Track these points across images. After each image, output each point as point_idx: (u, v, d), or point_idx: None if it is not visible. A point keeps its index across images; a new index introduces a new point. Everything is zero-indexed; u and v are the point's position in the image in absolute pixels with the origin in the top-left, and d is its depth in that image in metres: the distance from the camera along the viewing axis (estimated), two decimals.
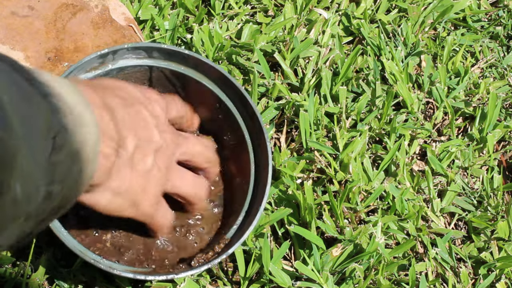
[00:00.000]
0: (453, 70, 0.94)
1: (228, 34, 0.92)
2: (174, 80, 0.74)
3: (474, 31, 0.99)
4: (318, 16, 0.94)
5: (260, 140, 0.72)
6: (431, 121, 0.90)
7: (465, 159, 0.87)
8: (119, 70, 0.71)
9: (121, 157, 0.55)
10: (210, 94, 0.73)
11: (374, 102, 0.88)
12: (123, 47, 0.69)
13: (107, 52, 0.68)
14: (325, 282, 0.74)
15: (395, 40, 0.95)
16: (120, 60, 0.70)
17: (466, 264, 0.81)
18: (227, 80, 0.72)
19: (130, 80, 0.72)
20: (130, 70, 0.71)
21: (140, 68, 0.72)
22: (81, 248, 0.64)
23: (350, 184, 0.80)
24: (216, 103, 0.74)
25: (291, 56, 0.90)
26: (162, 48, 0.71)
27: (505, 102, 0.94)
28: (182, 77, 0.73)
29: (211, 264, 0.66)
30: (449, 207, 0.84)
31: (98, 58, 0.69)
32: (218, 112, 0.75)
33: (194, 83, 0.73)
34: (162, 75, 0.73)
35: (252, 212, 0.70)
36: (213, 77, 0.73)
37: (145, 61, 0.71)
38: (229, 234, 0.70)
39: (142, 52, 0.71)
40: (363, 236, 0.77)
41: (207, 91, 0.73)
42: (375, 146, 0.86)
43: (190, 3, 0.92)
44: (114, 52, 0.69)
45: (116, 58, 0.70)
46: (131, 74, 0.72)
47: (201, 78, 0.73)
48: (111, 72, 0.70)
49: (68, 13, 0.85)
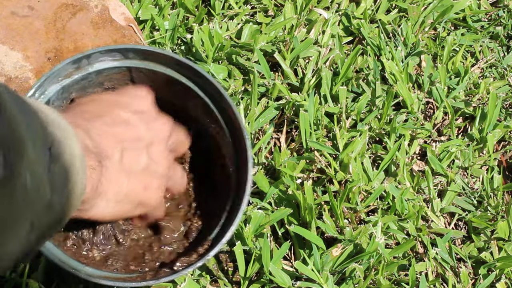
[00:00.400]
0: (453, 70, 0.94)
1: (228, 34, 0.92)
2: (153, 79, 0.72)
3: (474, 31, 0.99)
4: (318, 16, 0.94)
5: (239, 138, 0.69)
6: (431, 121, 0.90)
7: (465, 159, 0.87)
8: (97, 72, 0.70)
9: (108, 167, 0.55)
10: (191, 92, 0.72)
11: (374, 102, 0.88)
12: (96, 50, 0.68)
13: (81, 57, 0.68)
14: (325, 282, 0.74)
15: (395, 40, 0.95)
16: (96, 63, 0.69)
17: (466, 264, 0.81)
18: (200, 74, 0.70)
19: (111, 82, 0.71)
20: (109, 72, 0.71)
21: (118, 69, 0.71)
22: (63, 258, 0.63)
23: (350, 184, 0.80)
24: (195, 98, 0.72)
25: (291, 56, 0.90)
26: (137, 49, 0.69)
27: (505, 102, 0.94)
28: (161, 75, 0.71)
29: (194, 266, 0.63)
30: (449, 207, 0.84)
31: (72, 64, 0.68)
32: (198, 107, 0.73)
33: (173, 80, 0.72)
34: (142, 75, 0.72)
35: (233, 214, 0.68)
36: (188, 74, 0.72)
37: (122, 62, 0.70)
38: (211, 235, 0.68)
39: (117, 54, 0.70)
40: (363, 236, 0.77)
41: (186, 88, 0.72)
42: (375, 146, 0.86)
43: (190, 3, 0.92)
44: (88, 56, 0.68)
45: (91, 62, 0.69)
46: (110, 76, 0.71)
47: (174, 75, 0.71)
48: (90, 75, 0.69)
49: (68, 13, 0.85)
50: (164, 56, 0.70)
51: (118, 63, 0.70)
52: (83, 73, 0.68)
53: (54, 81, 0.67)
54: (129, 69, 0.70)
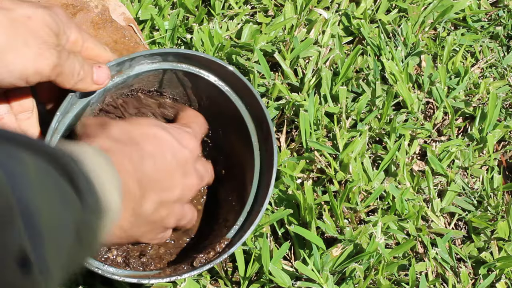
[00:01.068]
0: (453, 70, 0.94)
1: (228, 34, 0.92)
2: (185, 81, 0.73)
3: (474, 31, 0.99)
4: (318, 16, 0.94)
5: (267, 144, 0.71)
6: (431, 121, 0.90)
7: (465, 159, 0.87)
8: (135, 76, 0.71)
9: (138, 217, 0.58)
10: (221, 95, 0.73)
11: (374, 102, 0.88)
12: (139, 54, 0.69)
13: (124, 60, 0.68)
14: (325, 282, 0.74)
15: (395, 40, 0.95)
16: (137, 66, 0.70)
17: (466, 264, 0.81)
18: (239, 80, 0.71)
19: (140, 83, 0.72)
20: (144, 74, 0.71)
21: (154, 72, 0.71)
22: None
23: (350, 184, 0.80)
24: (226, 102, 0.73)
25: (291, 56, 0.90)
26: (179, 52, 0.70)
27: (505, 102, 0.94)
28: (194, 77, 0.72)
29: (213, 263, 0.66)
30: (449, 207, 0.84)
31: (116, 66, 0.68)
32: (224, 110, 0.74)
33: (205, 83, 0.72)
34: (174, 76, 0.72)
35: (254, 212, 0.70)
36: (225, 77, 0.72)
37: (160, 64, 0.71)
38: (229, 234, 0.70)
39: (157, 57, 0.70)
40: (363, 236, 0.77)
41: (216, 89, 0.73)
42: (375, 146, 0.86)
43: (190, 3, 0.92)
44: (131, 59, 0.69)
45: (133, 65, 0.70)
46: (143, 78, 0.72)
47: (209, 77, 0.72)
48: (128, 79, 0.70)
49: (68, 13, 0.85)
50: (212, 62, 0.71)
51: (155, 66, 0.70)
52: (124, 76, 0.69)
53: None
54: (164, 70, 0.71)
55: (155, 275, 0.67)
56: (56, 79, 0.59)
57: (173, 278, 0.65)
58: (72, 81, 0.61)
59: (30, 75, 0.56)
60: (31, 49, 0.56)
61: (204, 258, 0.67)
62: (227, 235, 0.69)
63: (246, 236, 0.67)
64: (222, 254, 0.66)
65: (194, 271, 0.65)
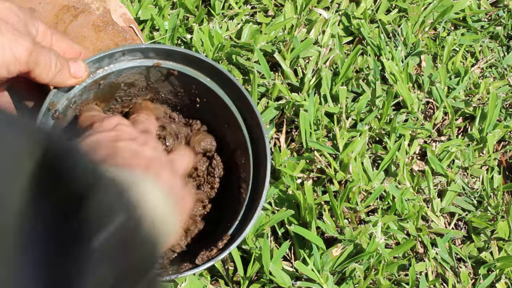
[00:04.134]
0: (453, 70, 0.94)
1: (228, 34, 0.92)
2: (172, 79, 0.74)
3: (474, 31, 0.99)
4: (318, 16, 0.94)
5: (258, 139, 0.71)
6: (431, 121, 0.90)
7: (465, 159, 0.87)
8: (117, 73, 0.71)
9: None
10: (211, 93, 0.73)
11: (374, 102, 0.88)
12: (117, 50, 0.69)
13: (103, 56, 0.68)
14: (325, 282, 0.74)
15: (395, 40, 0.95)
16: (117, 63, 0.70)
17: (466, 264, 0.81)
18: (224, 76, 0.72)
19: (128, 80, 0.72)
20: (128, 72, 0.72)
21: (137, 69, 0.72)
22: None
23: (350, 184, 0.80)
24: (216, 101, 0.74)
25: (291, 56, 0.90)
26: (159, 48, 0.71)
27: (505, 102, 0.94)
28: (182, 75, 0.73)
29: (215, 260, 0.66)
30: (449, 207, 0.84)
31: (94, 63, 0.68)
32: (215, 107, 0.74)
33: (196, 82, 0.73)
34: (160, 74, 0.73)
35: (252, 209, 0.70)
36: (211, 73, 0.73)
37: (140, 61, 0.72)
38: (230, 230, 0.70)
39: (138, 53, 0.71)
40: (363, 236, 0.78)
41: (206, 88, 0.73)
42: (375, 146, 0.86)
43: (190, 3, 0.92)
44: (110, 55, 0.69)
45: (113, 62, 0.70)
46: (128, 76, 0.72)
47: (199, 76, 0.73)
48: (109, 76, 0.70)
49: (69, 15, 0.85)
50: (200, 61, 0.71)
51: (137, 63, 0.71)
52: (104, 73, 0.69)
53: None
54: (148, 68, 0.71)
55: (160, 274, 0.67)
56: (34, 71, 0.59)
57: (173, 276, 0.65)
58: (51, 73, 0.61)
59: (10, 62, 0.57)
60: (5, 36, 0.56)
61: (206, 255, 0.68)
62: (228, 231, 0.70)
63: (247, 231, 0.66)
64: (223, 250, 0.67)
65: (196, 269, 0.65)
